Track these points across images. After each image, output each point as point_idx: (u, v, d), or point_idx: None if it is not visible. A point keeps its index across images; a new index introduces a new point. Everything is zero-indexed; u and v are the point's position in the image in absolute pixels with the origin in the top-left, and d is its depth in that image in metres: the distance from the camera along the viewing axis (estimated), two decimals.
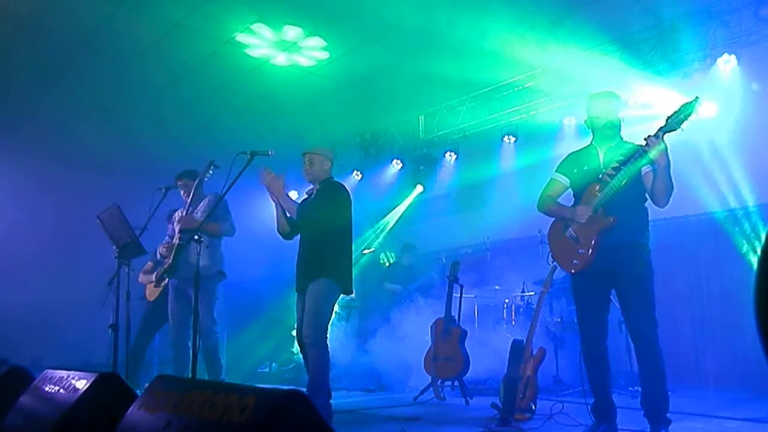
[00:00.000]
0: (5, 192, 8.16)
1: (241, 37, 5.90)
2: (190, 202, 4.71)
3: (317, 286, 3.83)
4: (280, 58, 6.36)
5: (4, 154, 8.15)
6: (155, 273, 5.39)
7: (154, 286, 5.37)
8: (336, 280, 3.88)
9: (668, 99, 5.43)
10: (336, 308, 4.30)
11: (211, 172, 4.13)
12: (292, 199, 4.06)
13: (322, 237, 3.93)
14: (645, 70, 6.01)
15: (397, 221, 8.89)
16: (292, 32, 5.89)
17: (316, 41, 6.10)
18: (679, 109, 2.98)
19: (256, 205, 4.98)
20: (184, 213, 4.73)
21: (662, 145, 3.02)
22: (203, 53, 6.25)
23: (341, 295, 4.00)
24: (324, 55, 6.36)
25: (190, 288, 4.47)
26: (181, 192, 4.89)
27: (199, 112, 7.63)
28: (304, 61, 6.45)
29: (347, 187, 4.14)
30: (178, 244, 4.52)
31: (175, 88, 6.99)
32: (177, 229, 4.68)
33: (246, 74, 6.70)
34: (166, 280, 5.28)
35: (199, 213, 4.72)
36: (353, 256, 4.16)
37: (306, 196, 4.21)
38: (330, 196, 4.01)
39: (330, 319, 3.88)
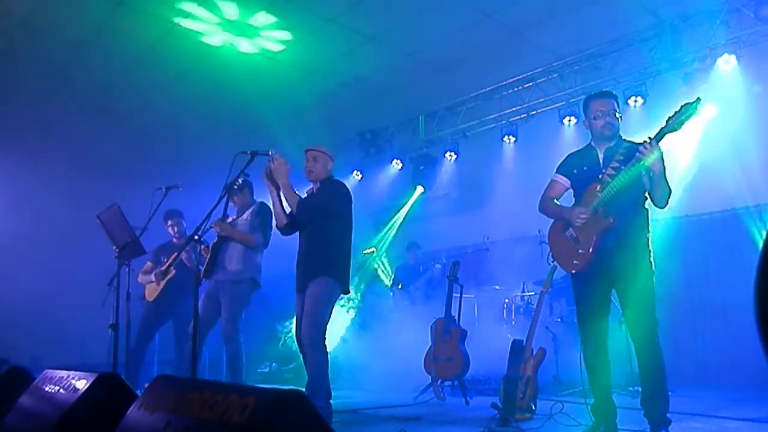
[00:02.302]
0: (5, 192, 8.16)
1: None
2: (238, 208, 4.74)
3: (317, 285, 3.81)
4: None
5: (3, 154, 8.15)
6: (155, 272, 5.39)
7: (157, 285, 5.36)
8: (336, 280, 3.86)
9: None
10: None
11: (240, 181, 4.08)
12: (294, 191, 3.95)
13: (323, 236, 3.91)
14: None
15: (400, 224, 8.90)
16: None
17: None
18: (680, 110, 2.96)
19: None
20: (232, 218, 4.73)
21: (657, 152, 3.01)
22: (202, 51, 6.25)
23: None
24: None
25: (221, 292, 4.46)
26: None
27: (198, 111, 7.63)
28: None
29: (348, 187, 4.13)
30: (213, 245, 4.49)
31: (174, 88, 6.99)
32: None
33: (244, 74, 6.70)
34: (167, 278, 5.30)
35: (241, 221, 4.68)
36: (353, 257, 4.15)
37: (306, 194, 4.17)
38: (332, 194, 3.99)
39: (329, 319, 3.85)
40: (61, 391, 2.36)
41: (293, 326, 4.26)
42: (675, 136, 3.04)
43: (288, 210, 4.01)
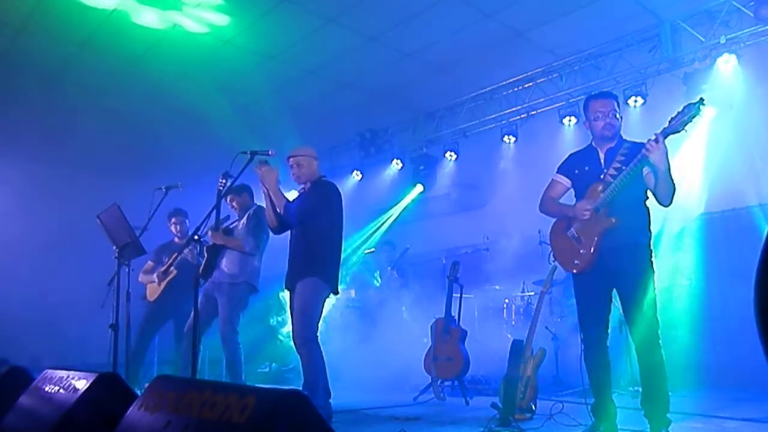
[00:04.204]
0: (5, 192, 8.16)
1: None
2: (239, 212, 4.79)
3: (305, 285, 3.84)
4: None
5: (4, 154, 8.14)
6: (156, 273, 5.39)
7: (158, 285, 5.36)
8: (324, 279, 3.88)
9: None
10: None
11: (222, 182, 4.09)
12: (282, 195, 4.02)
13: (312, 236, 3.93)
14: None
15: (395, 220, 8.87)
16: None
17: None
18: (683, 110, 2.94)
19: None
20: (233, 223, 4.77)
21: (663, 149, 2.99)
22: (203, 51, 6.24)
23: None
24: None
25: (217, 292, 4.49)
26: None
27: (199, 111, 7.62)
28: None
29: (339, 188, 4.15)
30: (208, 248, 4.48)
31: (175, 88, 6.98)
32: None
33: (245, 73, 6.70)
34: (168, 278, 5.30)
35: (240, 225, 4.72)
36: (344, 257, 4.16)
37: (298, 194, 4.23)
38: (321, 194, 4.02)
39: (320, 317, 3.88)
40: (61, 391, 2.36)
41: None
42: (678, 136, 3.03)
43: (279, 210, 4.05)
